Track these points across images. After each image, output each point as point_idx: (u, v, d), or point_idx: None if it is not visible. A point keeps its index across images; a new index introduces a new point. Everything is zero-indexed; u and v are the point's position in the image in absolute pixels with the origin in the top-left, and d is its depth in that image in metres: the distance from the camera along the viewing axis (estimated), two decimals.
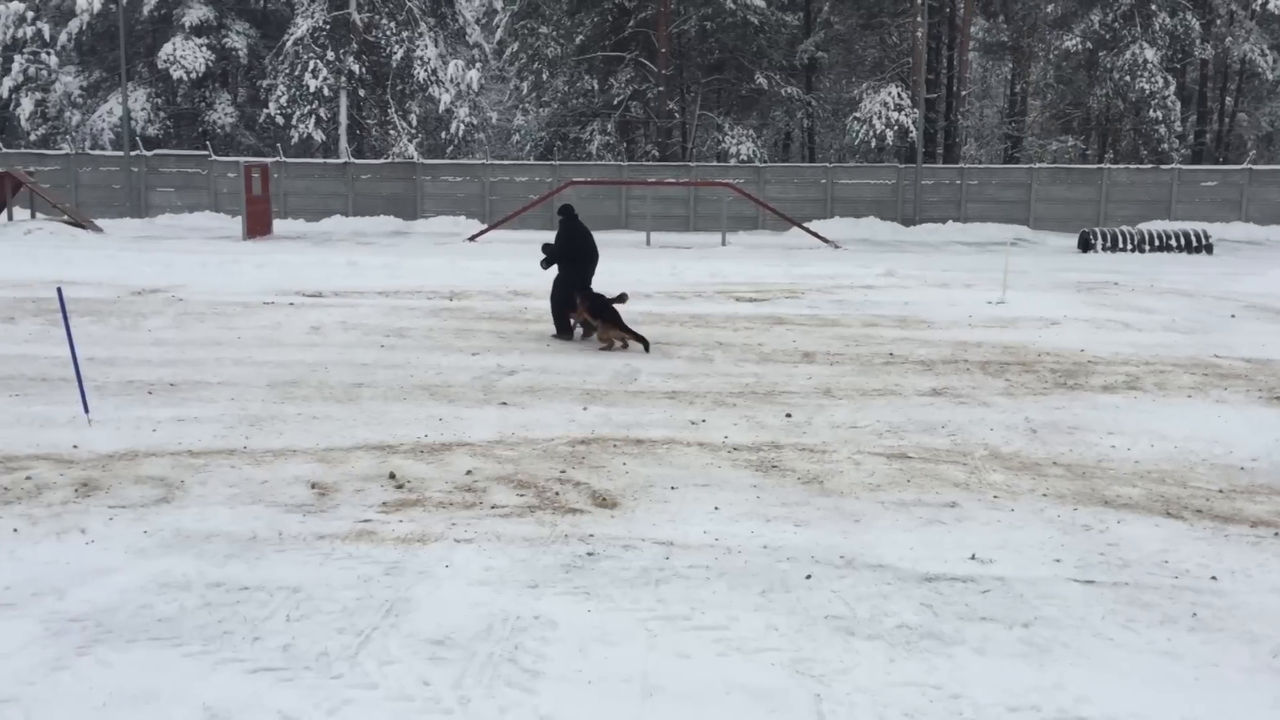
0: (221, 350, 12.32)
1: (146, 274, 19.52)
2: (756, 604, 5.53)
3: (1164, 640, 5.17)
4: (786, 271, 21.65)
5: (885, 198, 34.50)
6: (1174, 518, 6.96)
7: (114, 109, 39.57)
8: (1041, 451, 8.53)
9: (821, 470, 7.92)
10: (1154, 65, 35.23)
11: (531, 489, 7.40)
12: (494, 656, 4.90)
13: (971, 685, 4.70)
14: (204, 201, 35.58)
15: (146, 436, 8.60)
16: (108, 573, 5.81)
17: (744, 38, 38.49)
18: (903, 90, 36.39)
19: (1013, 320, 15.15)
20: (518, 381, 10.92)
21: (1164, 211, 33.26)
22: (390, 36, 37.11)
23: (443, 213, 34.95)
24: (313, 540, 6.35)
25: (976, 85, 49.57)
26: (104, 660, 4.82)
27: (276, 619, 5.26)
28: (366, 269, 21.05)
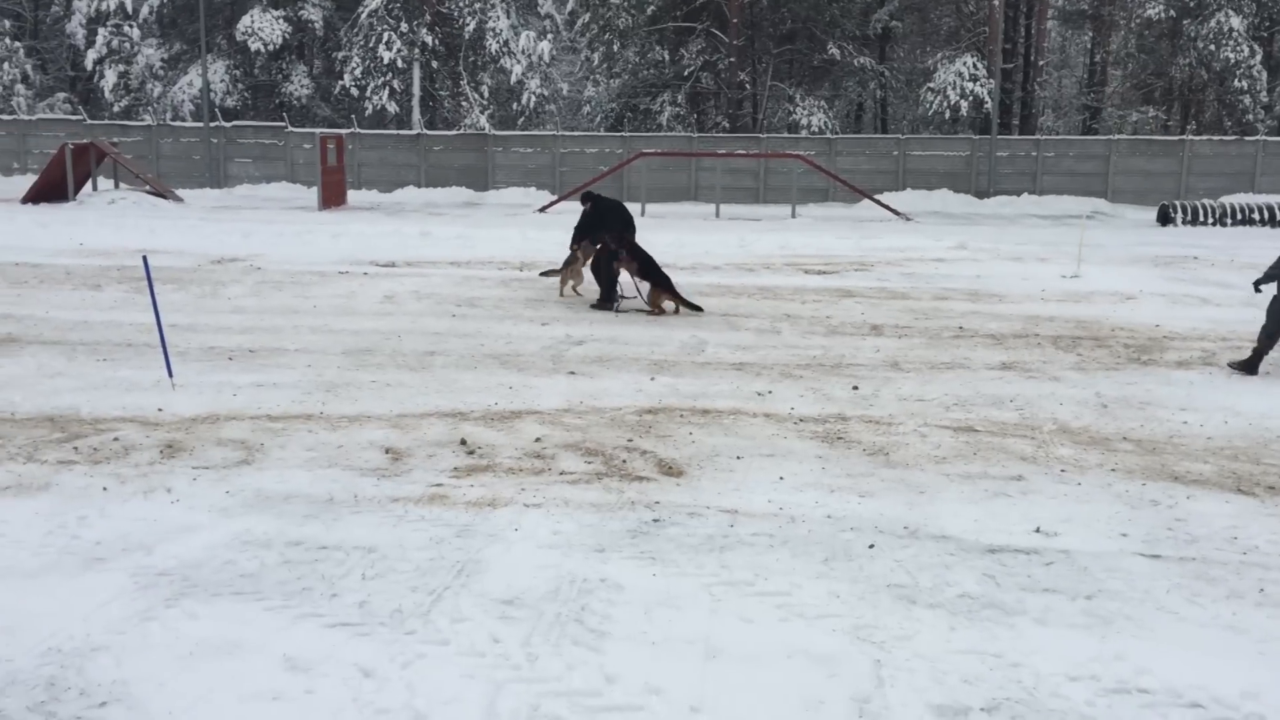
0: (298, 318, 12.61)
1: (225, 243, 19.98)
2: (819, 572, 5.60)
3: (1229, 615, 5.16)
4: (856, 244, 21.52)
5: (958, 170, 34.03)
6: (1245, 494, 6.89)
7: (194, 81, 40.34)
8: (1111, 426, 8.46)
9: (887, 442, 7.95)
10: (1240, 33, 34.23)
11: (599, 456, 7.53)
12: (561, 617, 5.04)
13: (1032, 654, 4.74)
14: (280, 172, 36.18)
15: (227, 401, 8.88)
16: (193, 530, 6.05)
17: (816, 7, 38.08)
18: (978, 60, 35.79)
19: (1087, 295, 14.95)
20: (586, 351, 11.06)
21: (1248, 184, 32.38)
22: (463, 8, 37.32)
23: (514, 184, 35.17)
24: (387, 503, 6.55)
25: (1055, 55, 48.55)
26: (190, 612, 5.05)
27: (353, 577, 5.46)
28: (438, 239, 21.33)
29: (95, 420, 8.26)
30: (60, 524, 6.09)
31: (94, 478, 6.91)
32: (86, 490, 6.67)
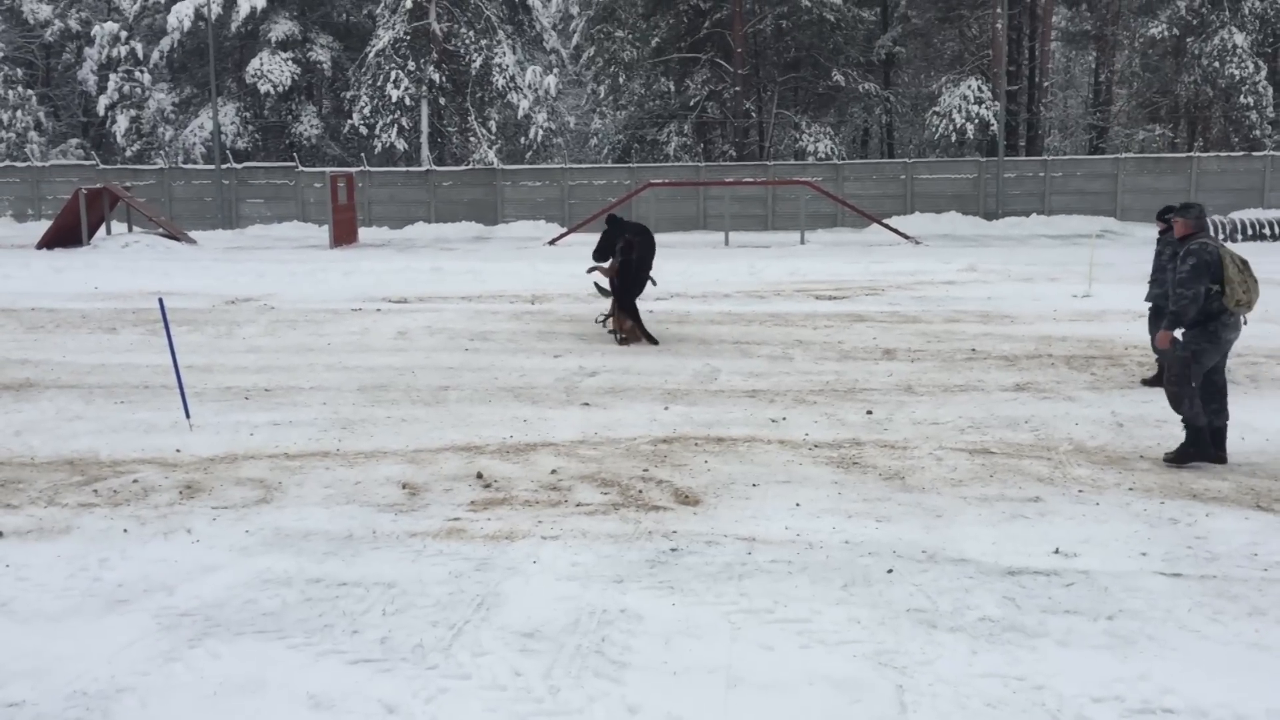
0: (313, 356, 12.68)
1: (239, 283, 20.12)
2: (838, 597, 5.60)
3: (1252, 632, 5.13)
4: (866, 268, 21.56)
5: (966, 192, 34.09)
6: (1264, 510, 6.86)
7: (204, 124, 40.73)
8: (1128, 445, 8.45)
9: (903, 466, 7.95)
10: (1244, 50, 34.30)
11: (615, 487, 7.54)
12: (582, 648, 5.05)
13: (1055, 677, 4.72)
14: (292, 212, 36.43)
15: (245, 440, 8.93)
16: (213, 570, 6.08)
17: (820, 35, 38.32)
18: (983, 83, 35.94)
19: (1099, 313, 14.94)
20: (599, 382, 11.09)
21: (1257, 200, 32.35)
22: (469, 45, 37.66)
23: (523, 217, 35.36)
24: (405, 538, 6.57)
25: (1059, 75, 48.73)
26: (213, 652, 5.07)
27: (374, 613, 5.47)
28: (450, 274, 21.44)
29: (114, 463, 8.31)
30: (82, 567, 6.13)
31: (114, 520, 6.95)
32: (107, 533, 6.71)
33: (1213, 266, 7.51)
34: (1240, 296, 7.53)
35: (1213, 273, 7.52)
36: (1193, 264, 7.53)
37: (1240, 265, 7.57)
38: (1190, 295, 7.50)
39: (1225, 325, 7.64)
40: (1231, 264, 7.52)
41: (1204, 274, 7.51)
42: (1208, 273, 7.51)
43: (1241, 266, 7.57)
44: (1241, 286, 7.50)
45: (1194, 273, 7.50)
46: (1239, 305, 7.56)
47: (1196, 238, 7.70)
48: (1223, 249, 7.61)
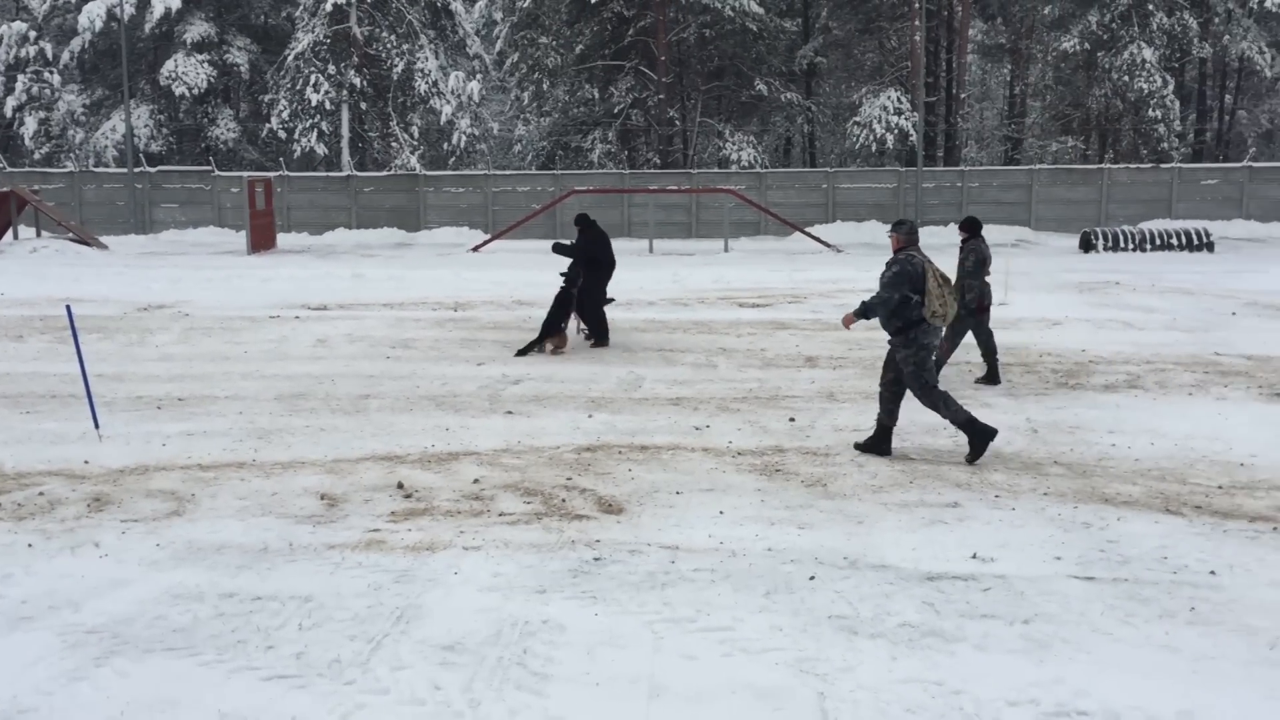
0: (229, 365, 12.43)
1: (152, 290, 19.66)
2: (761, 605, 5.61)
3: (1162, 634, 5.25)
4: (789, 276, 21.74)
5: (887, 201, 34.57)
6: (1174, 514, 7.03)
7: (117, 126, 39.78)
8: (1043, 451, 8.60)
9: (825, 473, 8.01)
10: (1152, 65, 35.29)
11: (538, 496, 7.49)
12: (503, 660, 4.99)
13: (972, 681, 4.78)
14: (208, 217, 35.71)
15: (156, 451, 8.70)
16: (122, 585, 5.91)
17: (743, 44, 38.60)
18: (902, 94, 36.49)
19: (1015, 321, 15.23)
20: (523, 390, 11.02)
21: (1165, 210, 33.29)
22: (391, 49, 37.27)
23: (446, 224, 35.07)
24: (323, 550, 6.45)
25: (976, 88, 49.70)
26: (121, 670, 4.92)
27: (289, 628, 5.35)
28: (371, 281, 21.18)
29: (19, 475, 8.04)
30: None
31: (18, 534, 6.72)
32: (11, 547, 6.49)
33: (915, 278, 8.09)
34: (937, 308, 8.09)
35: (914, 284, 8.08)
36: (895, 272, 8.11)
37: (941, 280, 8.14)
38: (885, 298, 8.11)
39: (925, 332, 8.18)
40: (933, 278, 8.10)
41: (904, 283, 8.08)
42: (908, 283, 8.08)
43: (942, 282, 8.15)
44: (939, 300, 8.07)
45: (895, 280, 8.10)
46: (935, 316, 8.11)
47: (906, 250, 8.28)
48: (928, 264, 8.17)
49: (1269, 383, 11.03)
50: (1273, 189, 33.12)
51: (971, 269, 10.87)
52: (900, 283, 8.08)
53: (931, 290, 8.06)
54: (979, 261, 10.88)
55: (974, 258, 10.88)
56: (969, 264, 10.88)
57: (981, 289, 10.92)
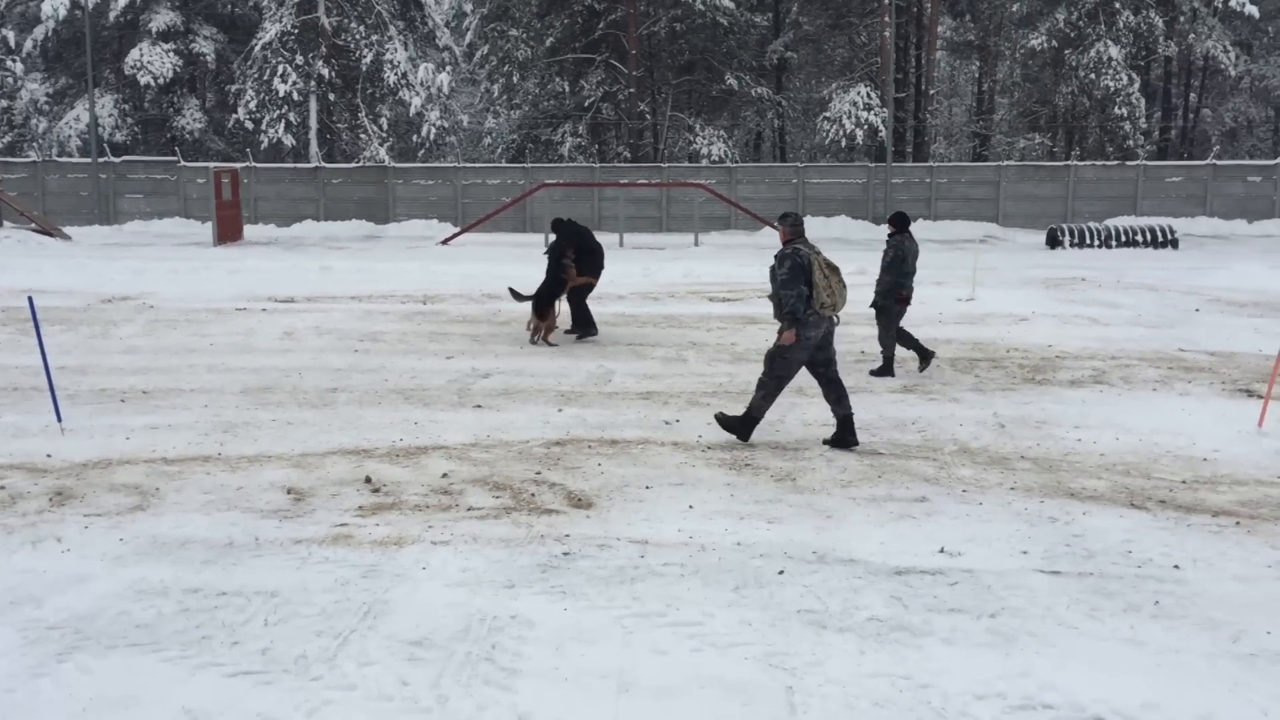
0: (194, 357, 12.31)
1: (117, 281, 19.43)
2: (730, 600, 5.61)
3: (1127, 628, 5.29)
4: (759, 271, 21.70)
5: (856, 197, 34.68)
6: (1138, 509, 7.10)
7: (81, 115, 39.30)
8: (1009, 446, 8.66)
9: (794, 468, 8.03)
10: (1118, 63, 35.56)
11: (507, 491, 7.46)
12: (471, 656, 4.97)
13: (940, 675, 4.80)
14: (173, 208, 35.31)
15: (120, 444, 8.61)
16: (85, 580, 5.84)
17: (714, 39, 38.58)
18: (872, 90, 36.59)
19: (982, 317, 15.32)
20: (492, 384, 10.98)
21: (1130, 207, 33.57)
22: (359, 40, 36.98)
23: (415, 216, 34.84)
24: (289, 545, 6.39)
25: (944, 84, 49.94)
26: (83, 667, 4.86)
27: (255, 623, 5.31)
28: (339, 274, 21.03)
29: None
30: None
31: None
32: None
33: (805, 270, 8.25)
34: (824, 299, 8.28)
35: (806, 276, 8.27)
36: (790, 265, 8.26)
37: (827, 271, 8.32)
38: (796, 294, 8.22)
39: (807, 324, 8.34)
40: (819, 270, 8.27)
41: (800, 275, 8.23)
42: (802, 275, 8.24)
43: (828, 273, 8.31)
44: (826, 290, 8.26)
45: (792, 274, 8.23)
46: (824, 307, 8.30)
47: (793, 244, 8.43)
48: (814, 256, 8.33)
49: (1232, 379, 11.16)
50: (1236, 187, 33.49)
51: (889, 263, 11.08)
52: (799, 276, 8.23)
53: (818, 283, 8.24)
54: (898, 257, 11.05)
55: (894, 253, 11.06)
56: (887, 257, 11.09)
57: (894, 282, 11.06)
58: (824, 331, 8.44)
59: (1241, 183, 33.61)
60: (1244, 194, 33.41)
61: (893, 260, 11.07)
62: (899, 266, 11.09)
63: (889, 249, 11.12)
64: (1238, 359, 12.20)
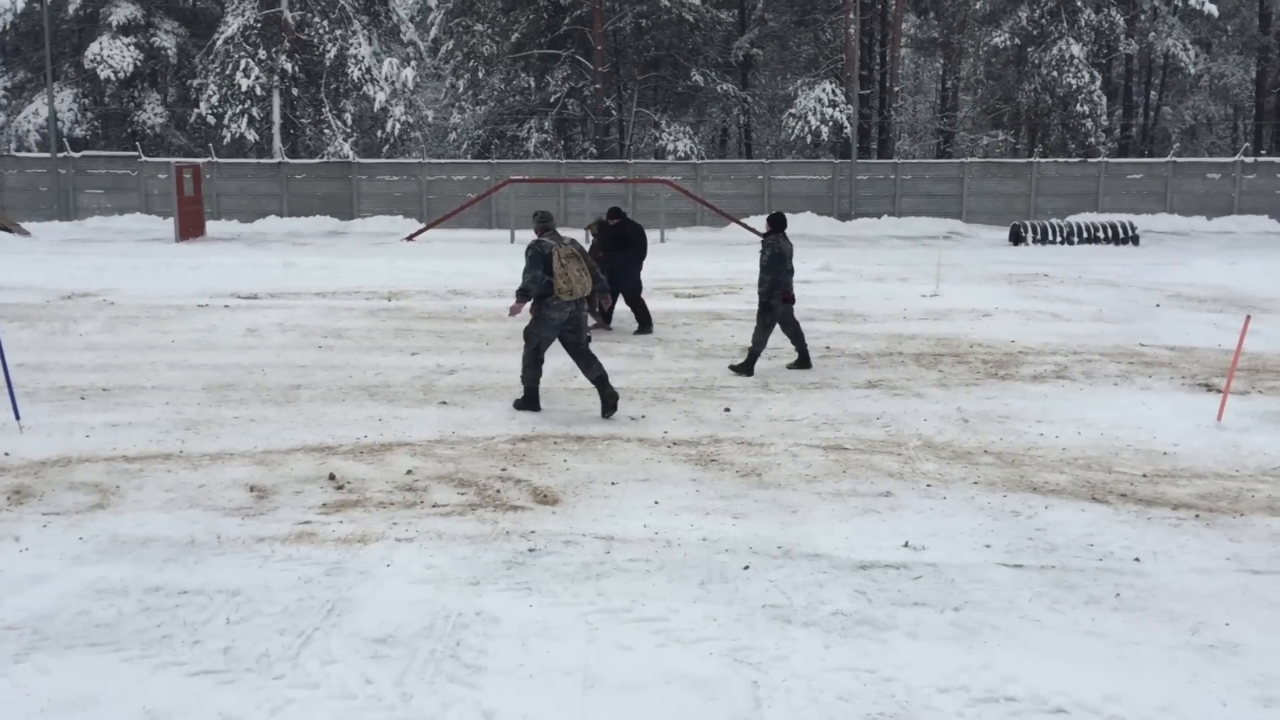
0: (155, 354, 12.18)
1: (76, 278, 19.18)
2: (695, 595, 5.62)
3: (1088, 620, 5.35)
4: (725, 267, 21.81)
5: (821, 193, 34.83)
6: (1099, 502, 7.17)
7: (40, 110, 38.75)
8: (973, 440, 8.72)
9: (759, 463, 8.05)
10: (1080, 60, 35.89)
11: (472, 487, 7.43)
12: (436, 653, 4.95)
13: (904, 668, 4.83)
14: (134, 203, 34.93)
15: (80, 442, 8.50)
16: (43, 580, 5.76)
17: (679, 35, 38.60)
18: (837, 86, 36.75)
19: (946, 313, 15.43)
20: (457, 380, 10.93)
21: (1092, 204, 33.91)
22: (323, 34, 36.70)
23: (380, 212, 34.66)
24: (252, 543, 6.34)
25: (909, 81, 50.23)
26: (41, 667, 4.79)
27: (216, 622, 5.26)
28: (303, 270, 20.86)
29: None
30: None
31: None
32: None
33: (546, 259, 9.20)
34: (561, 285, 9.18)
35: (546, 265, 9.19)
36: (530, 256, 9.21)
37: (565, 261, 9.20)
38: (531, 277, 9.21)
39: (550, 307, 9.30)
40: (558, 260, 9.18)
41: (539, 263, 9.20)
42: (541, 263, 9.20)
43: (566, 262, 9.20)
44: (563, 278, 9.17)
45: (531, 262, 9.20)
46: (561, 293, 9.18)
47: (540, 237, 9.39)
48: (556, 247, 9.23)
49: (1191, 373, 11.29)
50: (1195, 184, 33.91)
51: (767, 263, 11.09)
52: (536, 264, 9.18)
53: (557, 271, 9.14)
54: (776, 256, 11.06)
55: (770, 252, 11.08)
56: (765, 257, 11.11)
57: (775, 282, 11.09)
58: (569, 314, 9.36)
59: (1201, 180, 34.04)
60: (1203, 191, 33.85)
61: (771, 260, 11.07)
62: (779, 265, 11.08)
63: (765, 249, 11.12)
64: (1197, 354, 12.35)
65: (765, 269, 11.10)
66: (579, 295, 9.24)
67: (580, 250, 9.33)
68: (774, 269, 11.07)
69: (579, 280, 9.21)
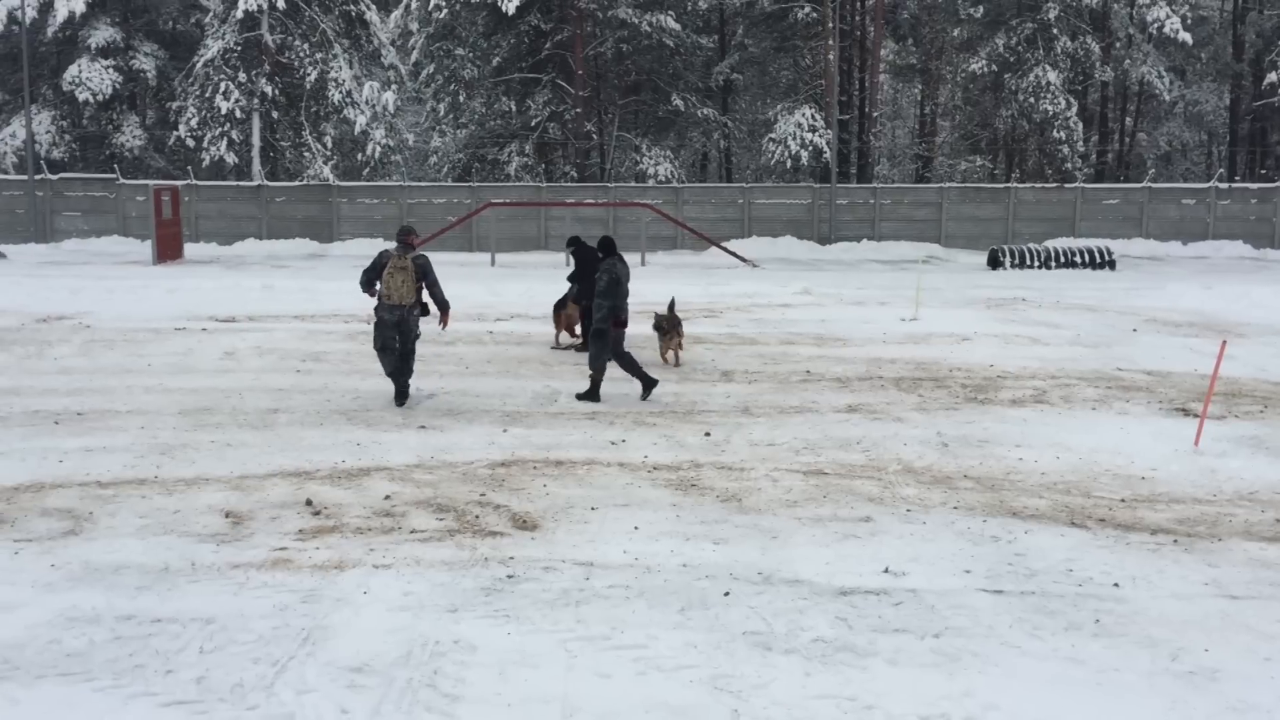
0: (131, 378, 12.08)
1: (52, 301, 19.04)
2: (676, 622, 5.58)
3: (1068, 647, 5.33)
4: (705, 290, 21.84)
5: (801, 217, 34.95)
6: (1078, 527, 7.18)
7: (17, 132, 38.56)
8: (953, 465, 8.73)
9: (740, 488, 8.02)
10: (1056, 87, 36.23)
11: (451, 512, 7.38)
12: (413, 682, 4.89)
13: (884, 696, 4.80)
14: (112, 226, 34.75)
15: (53, 468, 8.41)
16: (13, 608, 5.68)
17: (660, 60, 38.79)
18: (816, 111, 36.96)
19: (925, 337, 15.47)
20: (436, 404, 10.88)
21: (1069, 229, 34.15)
22: (304, 58, 36.68)
23: (360, 235, 34.56)
24: (227, 570, 6.27)
25: (888, 106, 50.56)
26: (10, 697, 4.72)
27: (190, 651, 5.19)
28: (282, 293, 20.77)
29: None
30: None
31: None
32: None
33: (379, 269, 10.78)
34: (385, 290, 10.73)
35: (377, 272, 10.78)
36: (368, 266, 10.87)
37: (393, 271, 10.71)
38: (364, 280, 10.88)
39: (382, 307, 10.77)
40: (388, 270, 10.74)
41: (372, 270, 10.83)
42: (375, 270, 10.82)
43: (393, 272, 10.71)
44: (386, 285, 10.72)
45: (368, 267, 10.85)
46: (385, 296, 10.72)
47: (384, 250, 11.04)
48: (393, 259, 10.77)
49: (1168, 398, 11.35)
50: (1171, 209, 34.20)
51: (604, 288, 11.01)
52: (371, 270, 10.83)
53: (385, 279, 10.70)
54: (613, 280, 11.02)
55: (607, 277, 11.05)
56: (602, 283, 11.05)
57: (612, 308, 11.01)
58: (397, 318, 10.69)
59: (1176, 205, 34.33)
60: (1179, 216, 34.14)
61: (608, 285, 10.98)
62: (615, 289, 11.03)
63: (601, 274, 11.05)
64: (1174, 378, 12.42)
65: (603, 294, 10.96)
66: (397, 302, 10.66)
67: (417, 268, 10.77)
68: (611, 294, 11.00)
69: (398, 290, 10.69)
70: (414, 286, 10.76)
